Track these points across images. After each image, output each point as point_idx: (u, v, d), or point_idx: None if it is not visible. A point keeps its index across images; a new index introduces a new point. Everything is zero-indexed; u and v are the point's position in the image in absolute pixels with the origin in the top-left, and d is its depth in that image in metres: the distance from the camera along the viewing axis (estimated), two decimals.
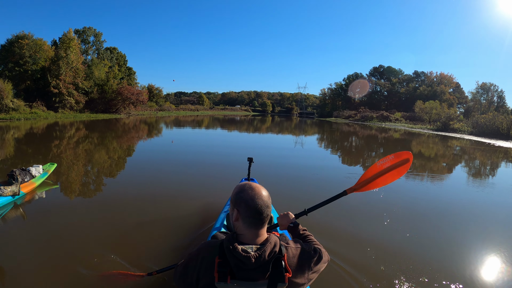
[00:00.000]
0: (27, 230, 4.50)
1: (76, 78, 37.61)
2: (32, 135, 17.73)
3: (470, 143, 23.52)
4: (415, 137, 27.98)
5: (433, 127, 39.00)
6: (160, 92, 67.94)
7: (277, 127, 40.15)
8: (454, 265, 4.00)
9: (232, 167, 10.06)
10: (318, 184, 8.60)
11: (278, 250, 1.58)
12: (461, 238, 5.11)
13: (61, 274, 3.38)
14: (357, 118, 62.93)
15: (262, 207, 1.61)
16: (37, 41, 37.21)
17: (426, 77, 79.21)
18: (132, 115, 43.55)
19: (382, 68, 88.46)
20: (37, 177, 6.50)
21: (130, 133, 21.78)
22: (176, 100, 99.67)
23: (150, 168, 9.61)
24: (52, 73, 35.09)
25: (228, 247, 1.53)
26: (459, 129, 34.65)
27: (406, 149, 6.12)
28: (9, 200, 5.46)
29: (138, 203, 5.93)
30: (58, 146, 13.17)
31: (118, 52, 59.15)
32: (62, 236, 4.29)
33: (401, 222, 5.47)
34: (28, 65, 35.78)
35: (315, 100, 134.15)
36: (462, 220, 6.11)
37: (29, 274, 3.34)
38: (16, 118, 27.10)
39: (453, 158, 15.93)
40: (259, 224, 1.62)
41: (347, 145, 20.46)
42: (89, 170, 9.10)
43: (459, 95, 73.27)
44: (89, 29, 51.38)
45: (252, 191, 1.64)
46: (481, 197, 8.13)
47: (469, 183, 9.91)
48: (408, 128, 41.25)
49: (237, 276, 1.53)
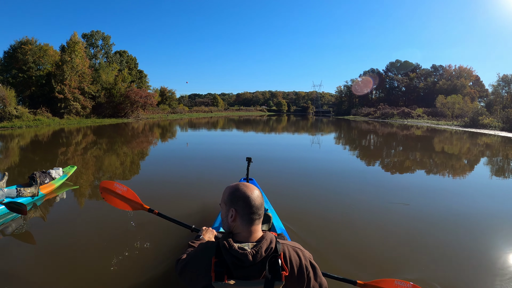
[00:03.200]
0: (44, 231, 4.71)
1: (82, 82, 36.32)
2: (36, 143, 17.18)
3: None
4: (448, 136, 25.47)
5: (460, 123, 36.36)
6: (173, 95, 67.02)
7: (293, 126, 39.53)
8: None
9: (233, 167, 9.91)
10: (320, 183, 8.28)
11: (274, 248, 1.59)
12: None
13: (68, 273, 3.44)
14: (376, 115, 60.64)
15: (258, 203, 1.67)
16: (42, 46, 36.26)
17: (444, 71, 76.52)
18: (141, 119, 42.03)
19: (399, 63, 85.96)
20: (56, 179, 6.76)
21: (138, 137, 20.72)
22: (190, 102, 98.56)
23: (153, 169, 9.67)
24: (57, 78, 33.84)
25: (225, 246, 1.55)
26: (489, 124, 32.03)
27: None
28: (29, 201, 5.58)
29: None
30: (65, 153, 12.93)
31: (129, 55, 58.53)
32: (66, 239, 4.35)
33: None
34: (32, 71, 34.85)
35: (330, 98, 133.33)
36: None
37: (42, 272, 3.45)
38: (17, 126, 25.94)
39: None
40: (256, 221, 1.66)
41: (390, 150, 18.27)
42: (97, 172, 9.22)
43: (479, 89, 69.91)
44: (97, 32, 50.63)
45: (247, 188, 1.68)
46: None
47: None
48: (433, 125, 38.64)
49: (234, 275, 1.54)
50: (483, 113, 36.03)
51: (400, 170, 10.64)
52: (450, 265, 3.86)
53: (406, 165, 11.62)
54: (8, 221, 4.89)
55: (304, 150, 16.27)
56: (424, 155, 14.31)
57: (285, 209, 5.27)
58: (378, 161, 12.70)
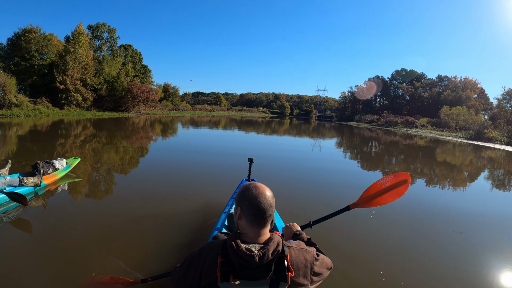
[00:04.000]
0: (44, 221, 4.62)
1: (85, 74, 35.92)
2: (35, 133, 16.79)
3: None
4: (456, 148, 25.01)
5: (465, 135, 35.84)
6: (177, 92, 66.78)
7: (295, 129, 39.03)
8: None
9: (237, 168, 9.65)
10: (322, 187, 8.10)
11: (281, 250, 1.57)
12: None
13: (64, 265, 3.35)
14: (380, 123, 59.97)
15: (265, 206, 1.61)
16: (47, 35, 35.89)
17: (450, 82, 75.90)
18: (142, 114, 41.60)
19: (405, 72, 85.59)
20: (60, 170, 6.68)
21: (138, 133, 20.30)
22: (193, 100, 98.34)
23: (153, 168, 9.46)
24: (59, 68, 33.45)
25: (232, 246, 1.52)
26: (495, 138, 31.51)
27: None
28: (30, 190, 5.55)
29: (140, 202, 5.82)
30: (64, 145, 12.60)
31: (134, 49, 58.22)
32: (65, 231, 4.25)
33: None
34: (35, 59, 34.52)
35: (334, 103, 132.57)
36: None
37: (35, 263, 3.34)
38: (16, 115, 25.54)
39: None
40: (262, 223, 1.62)
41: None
42: (96, 169, 8.85)
43: (484, 101, 69.30)
44: (103, 25, 50.31)
45: (256, 190, 1.64)
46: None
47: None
48: (438, 135, 38.09)
49: (239, 275, 1.53)
50: (488, 126, 35.53)
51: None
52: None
53: (410, 172, 11.17)
54: (11, 209, 4.85)
55: (306, 152, 16.26)
56: (439, 167, 13.85)
57: (286, 210, 5.28)
58: (380, 167, 12.49)
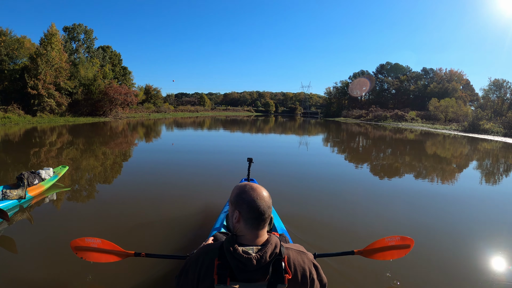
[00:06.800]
0: (30, 234, 4.37)
1: (58, 77, 33.66)
2: (6, 143, 15.53)
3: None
4: (455, 141, 23.94)
5: (459, 128, 34.94)
6: (159, 93, 64.84)
7: (280, 127, 38.52)
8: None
9: (232, 167, 9.88)
10: (319, 184, 8.29)
11: (279, 252, 1.54)
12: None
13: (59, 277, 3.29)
14: (368, 118, 59.12)
15: (264, 208, 1.57)
16: (19, 38, 33.53)
17: (435, 74, 75.62)
18: (120, 118, 39.40)
19: (389, 65, 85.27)
20: (46, 180, 6.37)
21: (117, 138, 18.79)
22: (177, 101, 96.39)
23: (148, 171, 9.33)
24: (31, 72, 31.13)
25: (229, 249, 1.50)
26: (491, 130, 30.67)
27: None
28: (15, 204, 5.23)
29: (137, 204, 5.74)
30: (38, 154, 11.68)
31: (113, 51, 55.97)
32: (53, 248, 3.93)
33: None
34: (5, 64, 32.04)
35: (318, 99, 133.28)
36: None
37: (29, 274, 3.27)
38: None
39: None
40: (261, 225, 1.59)
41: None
42: (86, 174, 8.68)
43: (470, 92, 69.36)
44: (79, 26, 48.17)
45: (253, 192, 1.60)
46: None
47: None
48: (429, 128, 37.16)
49: (237, 278, 1.50)
50: (483, 118, 34.75)
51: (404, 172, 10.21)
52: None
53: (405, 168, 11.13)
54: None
55: (302, 152, 15.93)
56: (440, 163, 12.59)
57: (286, 210, 5.22)
58: (379, 164, 12.21)
